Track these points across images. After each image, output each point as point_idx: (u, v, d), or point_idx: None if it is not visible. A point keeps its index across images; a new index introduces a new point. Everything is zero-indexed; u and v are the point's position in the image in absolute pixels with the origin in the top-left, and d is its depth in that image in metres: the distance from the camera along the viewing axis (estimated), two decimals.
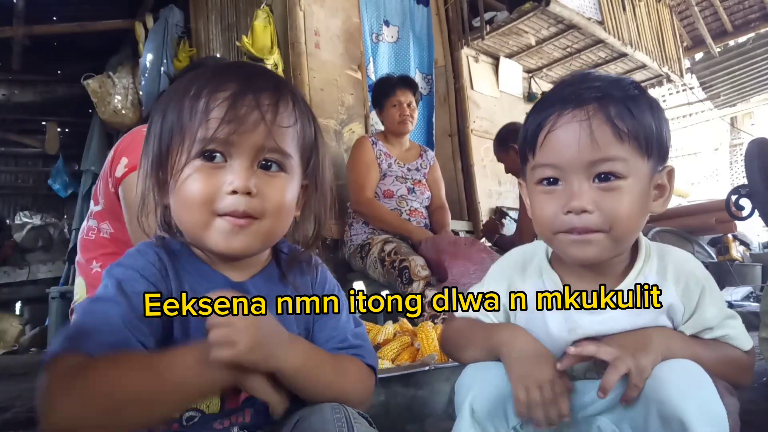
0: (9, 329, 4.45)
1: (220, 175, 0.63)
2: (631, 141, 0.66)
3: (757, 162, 2.16)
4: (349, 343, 0.74)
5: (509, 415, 0.73)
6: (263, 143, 0.64)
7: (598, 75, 0.73)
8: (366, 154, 2.49)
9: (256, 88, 0.64)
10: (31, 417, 1.73)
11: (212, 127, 0.62)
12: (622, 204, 0.66)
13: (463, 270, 2.01)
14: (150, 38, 4.16)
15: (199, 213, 0.63)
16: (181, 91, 0.66)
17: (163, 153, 0.65)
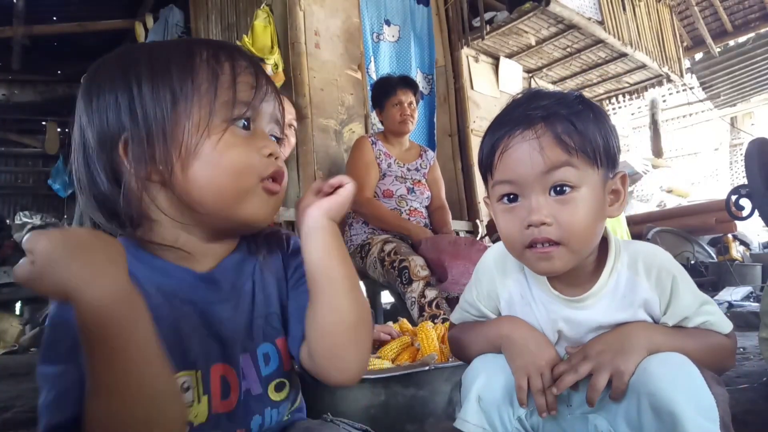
0: (9, 329, 4.44)
1: (254, 141, 0.64)
2: (579, 154, 0.70)
3: (757, 162, 2.16)
4: None
5: (516, 404, 0.75)
6: (275, 113, 0.67)
7: (545, 93, 0.77)
8: (365, 154, 2.49)
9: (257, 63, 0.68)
10: (31, 417, 1.73)
11: (250, 93, 0.63)
12: (577, 215, 0.70)
13: (463, 270, 2.01)
14: (150, 38, 4.16)
15: (248, 180, 0.62)
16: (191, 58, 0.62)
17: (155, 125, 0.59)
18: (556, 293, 0.78)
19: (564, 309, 0.78)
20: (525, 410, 0.75)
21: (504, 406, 0.75)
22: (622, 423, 0.70)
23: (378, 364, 1.28)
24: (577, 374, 0.71)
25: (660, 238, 4.05)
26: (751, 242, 4.53)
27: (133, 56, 0.63)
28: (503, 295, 0.83)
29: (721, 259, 3.92)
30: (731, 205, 2.44)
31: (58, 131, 6.04)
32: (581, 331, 0.78)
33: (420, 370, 1.18)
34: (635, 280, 0.76)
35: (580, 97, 0.77)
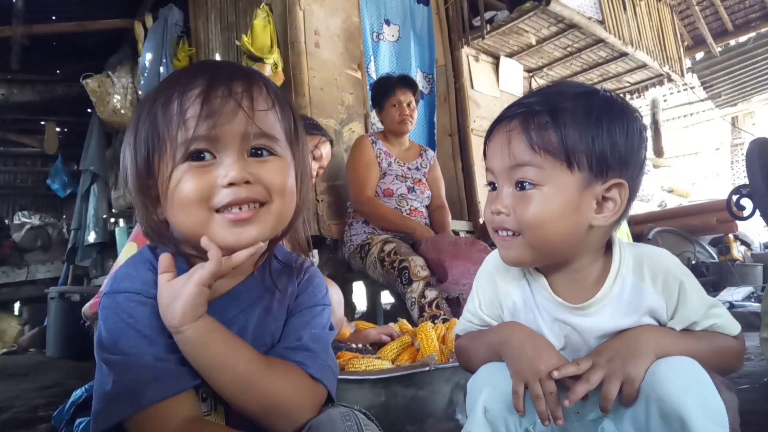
0: (8, 329, 4.45)
1: (211, 172, 0.61)
2: (544, 154, 0.70)
3: (758, 162, 2.15)
4: (301, 345, 0.69)
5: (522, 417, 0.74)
6: (247, 130, 0.62)
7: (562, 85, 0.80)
8: (366, 154, 2.48)
9: (225, 77, 0.62)
10: (30, 417, 1.72)
11: (192, 126, 0.60)
12: (533, 211, 0.71)
13: (463, 270, 2.00)
14: (149, 38, 4.15)
15: (196, 212, 0.61)
16: (150, 101, 0.64)
17: (143, 166, 0.63)
18: (559, 300, 0.76)
19: (568, 316, 0.76)
20: (532, 421, 0.73)
21: (511, 416, 0.74)
22: (629, 428, 0.69)
23: (378, 364, 1.28)
24: (588, 384, 0.69)
25: (661, 238, 4.04)
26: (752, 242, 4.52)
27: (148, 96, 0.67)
28: (506, 302, 0.82)
29: (722, 259, 3.91)
30: (732, 205, 2.43)
31: (57, 131, 6.03)
32: (586, 338, 0.76)
33: (420, 371, 1.18)
34: (641, 286, 0.74)
35: (591, 95, 0.73)
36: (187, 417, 0.60)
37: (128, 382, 0.59)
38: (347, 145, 2.82)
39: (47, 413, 1.73)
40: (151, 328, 0.61)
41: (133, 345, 0.60)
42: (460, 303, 1.95)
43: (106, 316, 0.62)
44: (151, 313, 0.62)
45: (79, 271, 4.85)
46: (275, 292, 0.71)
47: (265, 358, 0.65)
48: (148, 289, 0.63)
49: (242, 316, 0.69)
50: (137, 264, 0.67)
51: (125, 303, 0.62)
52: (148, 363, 0.59)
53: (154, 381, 0.58)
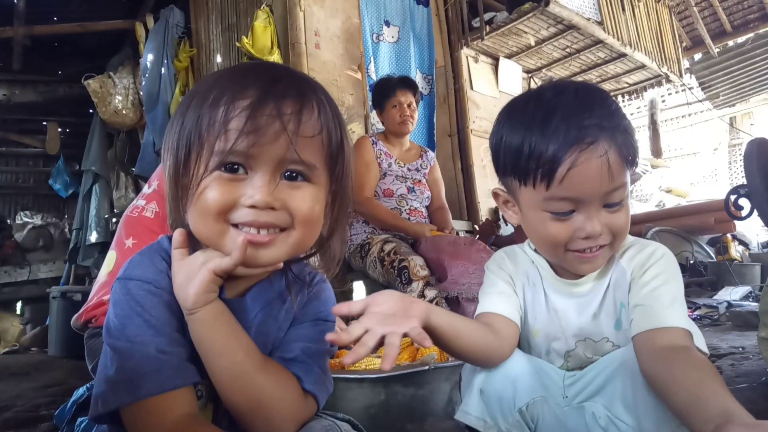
0: (10, 329, 4.45)
1: (240, 188, 0.60)
2: (631, 167, 0.73)
3: (756, 162, 2.16)
4: (297, 357, 0.68)
5: (516, 396, 0.76)
6: (285, 155, 0.60)
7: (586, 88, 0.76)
8: (365, 154, 2.49)
9: (277, 95, 0.60)
10: (31, 416, 1.73)
11: (231, 139, 0.58)
12: (625, 221, 0.74)
13: (462, 270, 2.01)
14: (150, 38, 4.16)
15: (214, 223, 0.60)
16: (200, 95, 0.62)
17: (182, 161, 0.62)
18: (558, 277, 0.82)
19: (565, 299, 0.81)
20: (525, 402, 0.76)
21: (505, 399, 0.76)
22: (619, 406, 0.71)
23: (378, 363, 1.29)
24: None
25: (659, 238, 4.05)
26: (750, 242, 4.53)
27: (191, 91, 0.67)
28: (519, 279, 0.86)
29: (720, 258, 3.92)
30: (730, 205, 2.44)
31: (59, 131, 6.03)
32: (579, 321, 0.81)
33: (420, 370, 1.19)
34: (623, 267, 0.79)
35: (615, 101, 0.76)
36: (184, 414, 0.59)
37: (129, 370, 0.59)
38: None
39: (49, 412, 1.73)
40: (158, 319, 0.61)
41: (139, 333, 0.60)
42: (460, 302, 1.95)
43: (116, 301, 0.63)
44: (159, 303, 0.62)
45: (80, 270, 4.86)
46: (286, 300, 0.70)
47: (264, 357, 0.65)
48: (160, 279, 0.63)
49: (255, 319, 0.68)
50: (152, 252, 0.67)
51: (135, 290, 0.62)
52: (150, 354, 0.59)
53: (155, 373, 0.58)
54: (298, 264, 0.73)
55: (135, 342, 0.60)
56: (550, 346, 0.83)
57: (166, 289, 0.63)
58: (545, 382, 0.79)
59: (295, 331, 0.70)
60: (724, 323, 2.64)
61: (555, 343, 0.82)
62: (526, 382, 0.77)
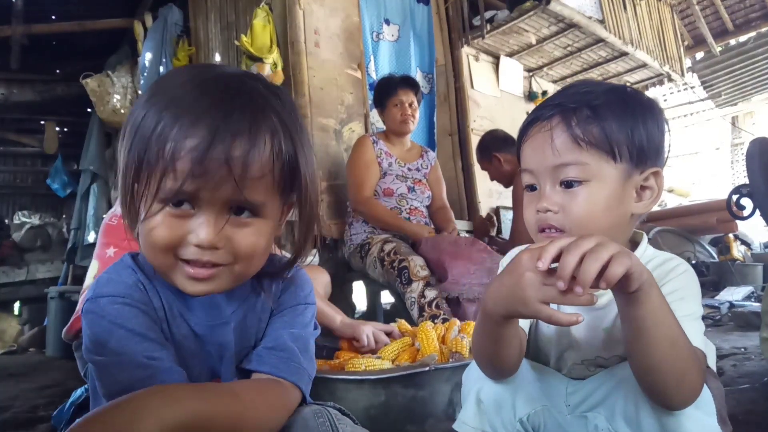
0: (7, 329, 4.44)
1: (186, 224, 0.60)
2: (591, 148, 0.71)
3: (758, 161, 2.15)
4: (278, 345, 0.70)
5: (517, 406, 0.75)
6: (232, 196, 0.60)
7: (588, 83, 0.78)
8: (366, 153, 2.48)
9: (227, 134, 0.57)
10: (30, 417, 1.72)
11: (179, 180, 0.57)
12: (583, 206, 0.71)
13: (463, 270, 2.00)
14: (149, 37, 4.15)
15: (163, 256, 0.61)
16: (148, 118, 0.59)
17: (130, 184, 0.61)
18: None
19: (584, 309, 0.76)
20: (527, 412, 0.74)
21: (505, 409, 0.75)
22: (620, 420, 0.69)
23: (378, 364, 1.28)
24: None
25: (661, 237, 4.04)
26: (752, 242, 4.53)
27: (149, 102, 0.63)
28: None
29: (723, 258, 3.91)
30: (732, 205, 2.43)
31: (57, 131, 6.03)
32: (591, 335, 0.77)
33: (420, 371, 1.18)
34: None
35: (620, 89, 0.75)
36: None
37: (124, 380, 0.59)
38: (347, 145, 2.81)
39: (47, 413, 1.73)
40: (140, 326, 0.62)
41: (124, 343, 0.60)
42: (460, 303, 1.94)
43: (90, 321, 0.62)
44: (138, 313, 0.63)
45: (78, 270, 4.85)
46: (260, 292, 0.72)
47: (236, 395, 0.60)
48: (132, 293, 0.64)
49: (234, 316, 0.70)
50: (119, 269, 0.67)
51: (109, 306, 0.62)
52: (140, 362, 0.60)
53: (149, 379, 0.59)
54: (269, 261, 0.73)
55: (121, 353, 0.60)
56: (561, 356, 0.81)
57: (141, 300, 0.64)
58: (548, 391, 0.77)
59: (278, 319, 0.73)
60: (726, 323, 2.63)
61: (567, 353, 0.80)
62: (527, 391, 0.76)
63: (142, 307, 0.64)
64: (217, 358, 0.70)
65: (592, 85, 0.76)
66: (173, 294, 0.67)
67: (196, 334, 0.68)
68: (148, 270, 0.68)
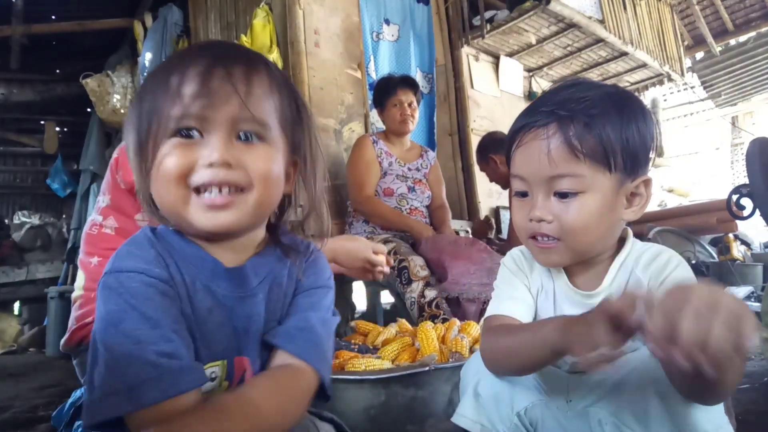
0: (7, 329, 4.44)
1: (196, 150, 0.61)
2: (587, 159, 0.70)
3: (758, 161, 2.15)
4: (309, 326, 0.70)
5: (515, 400, 0.75)
6: (238, 114, 0.62)
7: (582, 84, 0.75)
8: (366, 153, 2.48)
9: (227, 60, 0.63)
10: (30, 417, 1.72)
11: (185, 103, 0.61)
12: (578, 217, 0.71)
13: (463, 270, 2.00)
14: (149, 37, 4.15)
15: (176, 189, 0.61)
16: (154, 76, 0.65)
17: (143, 140, 0.63)
18: (574, 288, 0.79)
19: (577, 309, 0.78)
20: (524, 406, 0.74)
21: (503, 403, 0.75)
22: (627, 413, 0.70)
23: (378, 364, 1.28)
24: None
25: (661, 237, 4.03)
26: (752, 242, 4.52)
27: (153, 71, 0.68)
28: (534, 285, 0.84)
29: (722, 258, 3.90)
30: (732, 205, 2.43)
31: (57, 131, 6.03)
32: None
33: (420, 371, 1.18)
34: (640, 279, 0.75)
35: (615, 93, 0.74)
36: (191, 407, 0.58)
37: (130, 378, 0.57)
38: (347, 145, 2.81)
39: (47, 413, 1.73)
40: (155, 310, 0.60)
41: (136, 328, 0.58)
42: (460, 303, 1.94)
43: (107, 297, 0.60)
44: (155, 294, 0.61)
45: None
46: (285, 266, 0.72)
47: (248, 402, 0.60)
48: (152, 268, 0.62)
49: (260, 288, 0.70)
50: (140, 242, 0.66)
51: (128, 282, 0.60)
52: (149, 360, 0.57)
53: (156, 380, 0.57)
54: (287, 235, 0.75)
55: (132, 339, 0.58)
56: None
57: (160, 277, 0.62)
58: (547, 386, 0.77)
59: (303, 299, 0.73)
60: None
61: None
62: (525, 385, 0.76)
63: (161, 286, 0.62)
64: (243, 333, 0.68)
65: (585, 88, 0.74)
66: (197, 267, 0.66)
67: (223, 306, 0.66)
68: (169, 243, 0.66)
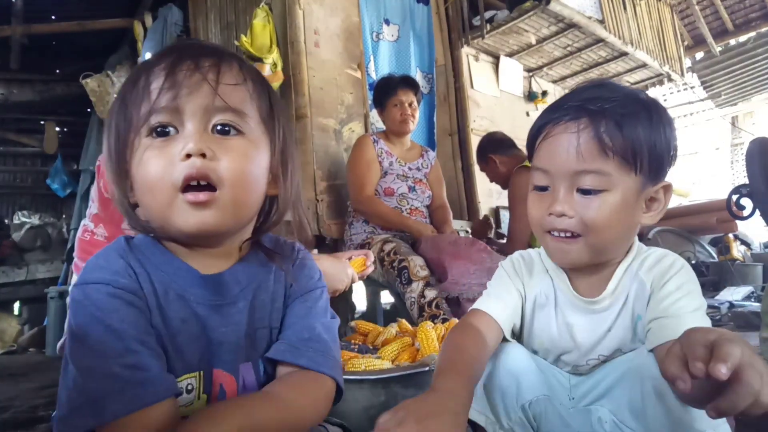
0: (7, 329, 4.44)
1: (173, 146, 0.59)
2: (616, 157, 0.69)
3: (758, 161, 2.15)
4: (314, 336, 0.68)
5: (520, 393, 0.75)
6: (210, 103, 0.60)
7: (610, 86, 0.75)
8: (366, 153, 2.48)
9: (193, 53, 0.62)
10: (30, 417, 1.72)
11: (153, 98, 0.59)
12: (600, 215, 0.70)
13: (463, 270, 2.00)
14: (149, 37, 4.15)
15: (160, 190, 0.59)
16: (124, 84, 0.64)
17: (118, 147, 0.62)
18: (576, 295, 0.78)
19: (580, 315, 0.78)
20: (529, 399, 0.75)
21: (509, 395, 0.75)
22: (625, 411, 0.70)
23: (378, 364, 1.28)
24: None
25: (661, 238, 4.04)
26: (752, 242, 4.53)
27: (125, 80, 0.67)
28: (531, 291, 0.83)
29: (722, 258, 3.91)
30: (732, 205, 2.43)
31: (57, 131, 6.03)
32: (593, 337, 0.77)
33: (420, 371, 1.18)
34: (644, 285, 0.75)
35: (643, 98, 0.74)
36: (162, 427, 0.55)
37: (92, 391, 0.55)
38: (347, 145, 2.81)
39: (46, 413, 1.73)
40: (120, 322, 0.57)
41: (102, 341, 0.56)
42: (460, 303, 1.94)
43: (74, 310, 0.59)
44: (121, 305, 0.59)
45: None
46: (271, 271, 0.70)
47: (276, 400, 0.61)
48: (118, 279, 0.60)
49: (242, 295, 0.67)
50: (109, 252, 0.64)
51: (95, 294, 0.59)
52: (112, 372, 0.55)
53: (119, 393, 0.54)
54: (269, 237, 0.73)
55: (96, 353, 0.56)
56: (559, 358, 0.81)
57: (126, 287, 0.60)
58: (551, 382, 0.77)
59: (300, 305, 0.70)
60: (726, 324, 2.63)
61: (565, 355, 0.80)
62: (530, 379, 0.76)
63: (127, 297, 0.59)
64: (218, 344, 0.65)
65: (613, 88, 0.74)
66: (170, 275, 0.63)
67: (197, 316, 0.63)
68: (142, 252, 0.64)
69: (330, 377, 0.66)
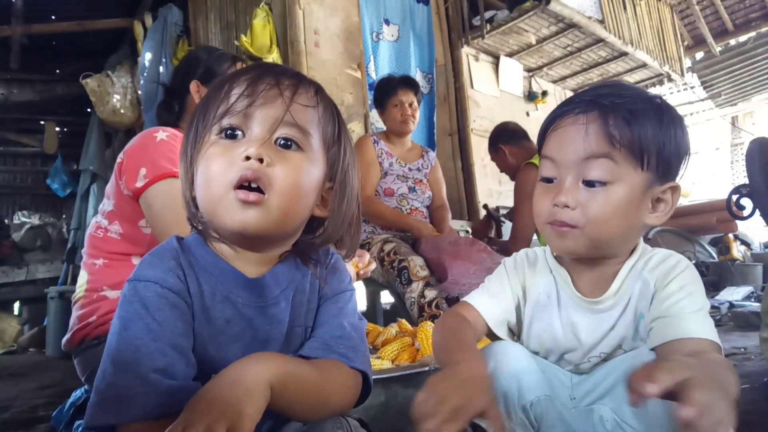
0: (7, 329, 4.43)
1: (237, 147, 0.64)
2: (623, 150, 0.70)
3: (758, 161, 2.15)
4: (345, 334, 0.72)
5: (521, 393, 0.75)
6: (280, 116, 0.64)
7: (624, 86, 0.76)
8: (367, 153, 2.48)
9: (279, 72, 0.68)
10: (30, 417, 1.72)
11: (231, 101, 0.65)
12: (600, 206, 0.71)
13: (463, 270, 2.00)
14: (149, 37, 4.15)
15: (217, 185, 0.63)
16: (211, 87, 0.70)
17: (191, 140, 0.68)
18: (579, 295, 0.79)
19: (582, 315, 0.78)
20: (530, 400, 0.75)
21: (510, 395, 0.75)
22: (627, 410, 0.70)
23: (378, 364, 1.28)
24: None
25: (661, 238, 4.04)
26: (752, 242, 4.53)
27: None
28: (533, 290, 0.83)
29: (722, 258, 3.91)
30: (732, 205, 2.42)
31: (57, 131, 6.03)
32: (596, 336, 0.77)
33: (420, 371, 1.18)
34: (648, 285, 0.75)
35: (656, 99, 0.74)
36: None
37: (120, 388, 0.57)
38: None
39: (47, 413, 1.73)
40: (160, 322, 0.60)
41: (138, 337, 0.59)
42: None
43: (122, 303, 0.62)
44: (165, 305, 0.62)
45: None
46: (307, 274, 0.73)
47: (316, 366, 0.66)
48: (167, 278, 0.63)
49: (283, 296, 0.70)
50: (163, 251, 0.67)
51: (143, 291, 0.62)
52: (142, 374, 0.57)
53: (143, 396, 0.56)
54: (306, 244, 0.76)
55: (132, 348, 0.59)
56: (562, 357, 0.81)
57: (173, 288, 0.63)
58: (552, 382, 0.78)
59: (331, 306, 0.75)
60: (726, 323, 2.64)
61: (568, 354, 0.80)
62: (531, 379, 0.76)
63: (172, 298, 0.63)
64: (263, 342, 0.68)
65: (625, 87, 0.75)
66: (218, 277, 0.67)
67: (243, 316, 0.67)
68: (192, 253, 0.68)
69: (360, 372, 0.70)
